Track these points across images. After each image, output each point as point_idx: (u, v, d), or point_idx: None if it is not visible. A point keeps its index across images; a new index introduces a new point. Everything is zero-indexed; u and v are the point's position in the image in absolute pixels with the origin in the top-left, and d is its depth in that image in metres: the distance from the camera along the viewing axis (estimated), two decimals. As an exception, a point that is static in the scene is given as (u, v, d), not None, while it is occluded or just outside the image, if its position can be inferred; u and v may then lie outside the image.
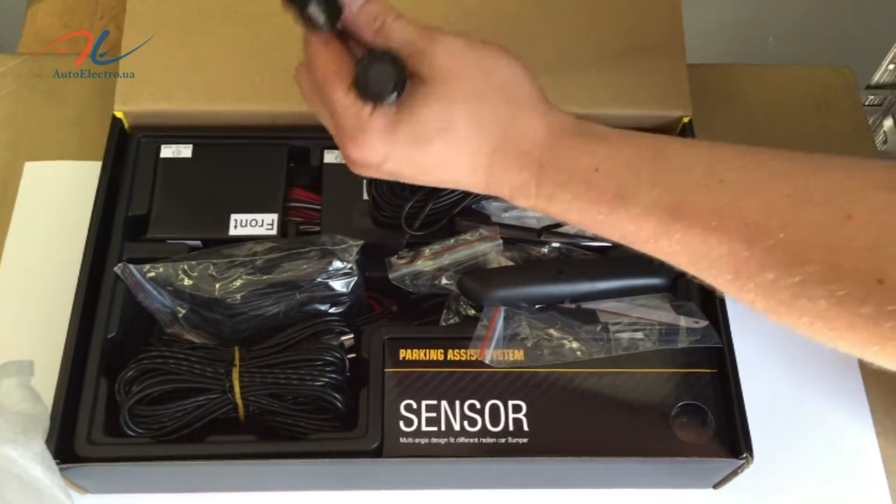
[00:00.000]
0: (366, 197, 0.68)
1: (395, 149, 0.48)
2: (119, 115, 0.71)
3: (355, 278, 0.63)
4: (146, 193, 0.68)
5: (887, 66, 1.01)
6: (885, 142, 1.07)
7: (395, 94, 0.47)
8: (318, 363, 0.60)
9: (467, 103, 0.48)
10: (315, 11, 0.46)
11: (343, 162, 0.69)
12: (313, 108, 0.53)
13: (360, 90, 0.47)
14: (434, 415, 0.60)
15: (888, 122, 1.06)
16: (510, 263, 0.66)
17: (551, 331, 0.62)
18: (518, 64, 0.50)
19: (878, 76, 1.03)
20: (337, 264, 0.63)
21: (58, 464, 0.56)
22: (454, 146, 0.49)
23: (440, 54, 0.48)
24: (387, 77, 0.46)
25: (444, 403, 0.60)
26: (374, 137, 0.48)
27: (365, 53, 0.47)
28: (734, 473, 0.61)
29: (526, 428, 0.59)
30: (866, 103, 1.06)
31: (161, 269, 0.63)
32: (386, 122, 0.48)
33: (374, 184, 0.66)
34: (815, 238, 0.40)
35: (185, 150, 0.70)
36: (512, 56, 0.50)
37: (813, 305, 0.41)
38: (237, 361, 0.60)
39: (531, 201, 0.50)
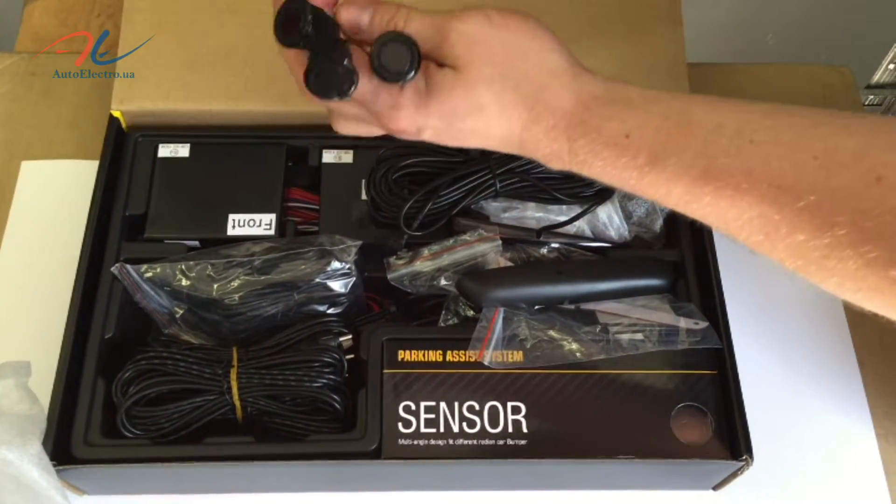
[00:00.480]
0: (364, 197, 0.67)
1: (429, 122, 0.50)
2: (116, 114, 0.70)
3: (354, 279, 0.63)
4: (144, 193, 0.68)
5: (887, 65, 1.01)
6: (884, 141, 1.07)
7: (414, 69, 0.49)
8: (317, 364, 0.60)
9: (491, 87, 0.48)
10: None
11: (342, 162, 0.69)
12: (343, 125, 0.54)
13: (380, 73, 0.49)
14: (433, 416, 0.59)
15: (888, 122, 1.06)
16: (509, 264, 0.65)
17: (550, 332, 0.61)
18: (540, 32, 0.50)
19: (878, 76, 1.02)
20: (335, 265, 0.62)
21: (55, 465, 0.56)
22: (485, 124, 0.50)
23: (457, 44, 0.48)
24: (402, 55, 0.48)
25: (442, 405, 0.60)
26: (408, 111, 0.49)
27: (375, 41, 0.49)
28: (734, 475, 0.61)
29: (525, 429, 0.59)
30: (866, 103, 1.06)
31: (158, 270, 0.63)
32: (418, 97, 0.49)
33: (373, 184, 0.65)
34: (844, 201, 0.40)
35: (183, 150, 0.70)
36: (533, 23, 0.50)
37: (842, 266, 0.41)
38: (235, 362, 0.60)
39: (565, 166, 0.51)
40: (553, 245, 0.67)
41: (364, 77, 0.49)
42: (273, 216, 0.67)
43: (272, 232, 0.66)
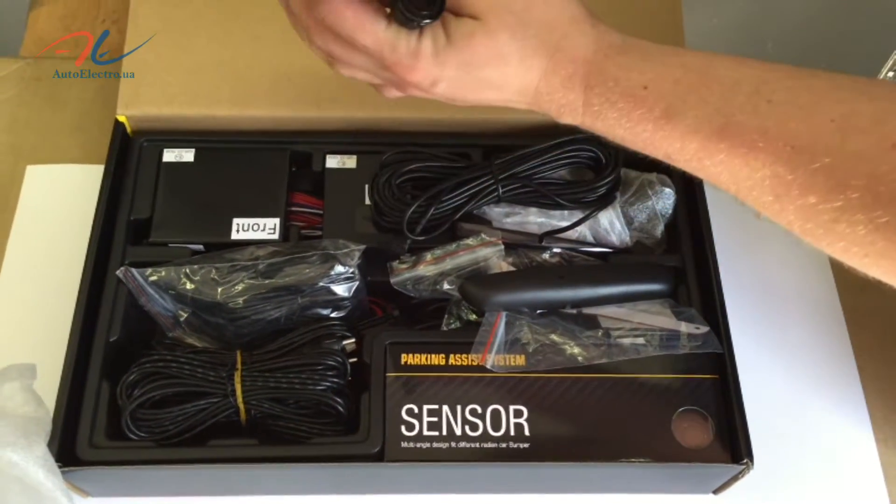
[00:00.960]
0: (368, 202, 0.68)
1: (445, 71, 0.49)
2: (122, 119, 0.71)
3: (357, 283, 0.63)
4: (148, 197, 0.68)
5: (887, 73, 1.01)
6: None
7: (439, 10, 0.48)
8: (320, 367, 0.60)
9: (513, 34, 0.48)
10: None
11: (345, 167, 0.70)
12: (348, 69, 0.52)
13: (403, 15, 0.47)
14: (435, 419, 0.60)
15: (887, 129, 1.07)
16: (511, 269, 0.66)
17: (552, 336, 0.62)
18: None
19: (878, 83, 1.03)
20: (339, 269, 0.63)
21: (60, 467, 0.56)
22: (503, 73, 0.49)
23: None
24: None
25: (445, 408, 0.60)
26: (425, 60, 0.48)
27: None
28: (734, 479, 0.62)
29: (527, 433, 0.59)
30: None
31: (163, 273, 0.63)
32: (435, 46, 0.48)
33: (377, 189, 0.66)
34: (859, 165, 0.40)
35: (188, 155, 0.70)
36: None
37: (851, 231, 0.41)
38: (239, 365, 0.60)
39: (578, 119, 0.50)
40: (555, 250, 0.67)
41: (382, 24, 0.48)
42: (277, 220, 0.67)
43: (276, 236, 0.67)
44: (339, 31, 0.48)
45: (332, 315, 0.64)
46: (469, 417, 0.60)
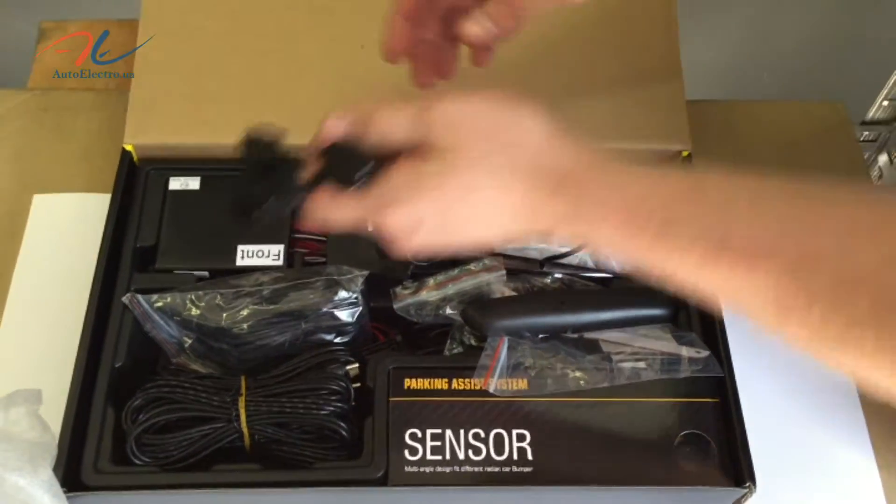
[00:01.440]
0: (371, 229, 0.69)
1: (420, 209, 0.49)
2: (128, 147, 0.72)
3: (360, 308, 0.64)
4: (154, 225, 0.69)
5: (881, 102, 1.03)
6: (879, 177, 1.09)
7: (366, 173, 0.50)
8: (324, 392, 0.60)
9: (484, 165, 0.47)
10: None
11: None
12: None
13: (340, 183, 0.51)
14: (439, 443, 0.60)
15: (883, 158, 1.08)
16: (513, 294, 0.66)
17: (554, 360, 0.62)
18: (520, 104, 0.49)
19: (873, 112, 1.04)
20: (342, 294, 0.63)
21: (65, 492, 0.56)
22: (482, 204, 0.48)
23: (442, 136, 0.48)
24: (348, 166, 0.50)
25: (448, 432, 0.60)
26: (397, 206, 0.49)
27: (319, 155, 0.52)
28: (737, 503, 0.62)
29: (530, 457, 0.60)
30: (861, 139, 1.07)
31: (169, 299, 0.64)
32: (408, 191, 0.48)
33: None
34: (862, 278, 0.39)
35: (194, 183, 0.71)
36: (512, 98, 0.49)
37: (859, 345, 0.39)
38: (243, 390, 0.60)
39: (573, 229, 0.48)
40: (556, 275, 0.68)
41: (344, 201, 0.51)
42: (281, 247, 0.68)
43: (280, 263, 0.67)
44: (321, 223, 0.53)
45: (336, 340, 0.65)
46: (472, 441, 0.60)
